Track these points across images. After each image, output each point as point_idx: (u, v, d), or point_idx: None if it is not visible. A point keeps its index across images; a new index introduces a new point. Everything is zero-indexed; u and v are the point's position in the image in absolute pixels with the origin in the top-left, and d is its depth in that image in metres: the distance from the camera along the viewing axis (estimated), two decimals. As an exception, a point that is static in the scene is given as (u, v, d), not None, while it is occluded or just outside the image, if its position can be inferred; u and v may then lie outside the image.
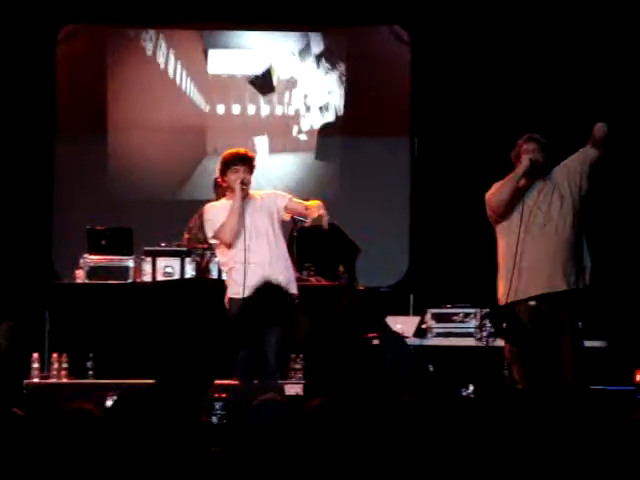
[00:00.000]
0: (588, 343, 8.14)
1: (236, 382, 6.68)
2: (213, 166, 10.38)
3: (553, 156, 6.64)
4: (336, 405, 3.30)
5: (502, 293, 6.44)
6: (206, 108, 10.58)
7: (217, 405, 4.68)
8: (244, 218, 6.70)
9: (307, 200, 6.99)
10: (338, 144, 10.61)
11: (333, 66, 10.59)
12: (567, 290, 6.38)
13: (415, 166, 10.45)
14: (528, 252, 6.37)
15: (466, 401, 3.95)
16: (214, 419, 5.41)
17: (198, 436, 3.23)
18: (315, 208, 6.81)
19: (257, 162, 6.90)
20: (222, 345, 6.58)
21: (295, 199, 6.93)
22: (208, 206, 6.97)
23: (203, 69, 10.58)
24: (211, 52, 10.58)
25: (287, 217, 6.95)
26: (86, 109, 10.39)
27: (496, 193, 6.53)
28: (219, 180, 6.95)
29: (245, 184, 6.73)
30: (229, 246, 6.74)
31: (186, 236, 8.57)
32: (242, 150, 6.87)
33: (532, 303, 6.32)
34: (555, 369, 6.22)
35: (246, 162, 6.78)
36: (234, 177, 6.73)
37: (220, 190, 7.36)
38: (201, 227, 8.74)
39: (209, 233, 6.86)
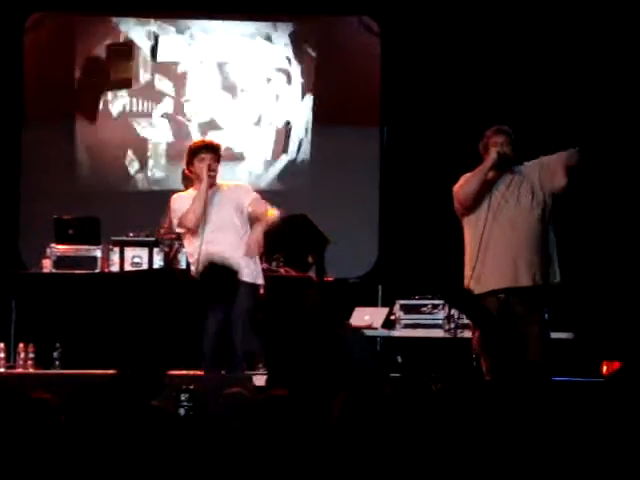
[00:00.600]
0: (555, 335, 8.17)
1: (202, 373, 6.67)
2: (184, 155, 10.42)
3: (522, 148, 6.63)
4: (297, 396, 3.30)
5: (467, 285, 6.44)
6: (177, 95, 10.52)
7: (183, 397, 4.65)
8: (209, 207, 6.68)
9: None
10: (307, 132, 10.58)
11: (302, 55, 10.56)
12: (532, 286, 6.38)
13: (384, 156, 10.44)
14: (494, 245, 6.37)
15: (435, 392, 3.95)
16: (181, 410, 5.39)
17: (162, 427, 3.22)
18: (253, 242, 6.76)
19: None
20: (182, 335, 6.55)
21: (259, 200, 6.88)
22: (175, 196, 6.95)
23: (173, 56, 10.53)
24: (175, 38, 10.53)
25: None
26: (54, 97, 10.31)
27: (464, 185, 6.53)
28: (186, 171, 6.93)
29: (212, 170, 6.71)
30: (194, 234, 6.71)
31: (162, 230, 8.55)
32: (208, 140, 6.89)
33: (501, 296, 6.33)
34: (518, 357, 6.23)
35: (213, 151, 6.78)
36: (201, 165, 6.72)
37: (188, 182, 7.34)
38: None
39: (175, 222, 6.85)
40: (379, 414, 3.32)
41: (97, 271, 8.35)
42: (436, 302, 8.38)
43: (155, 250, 8.35)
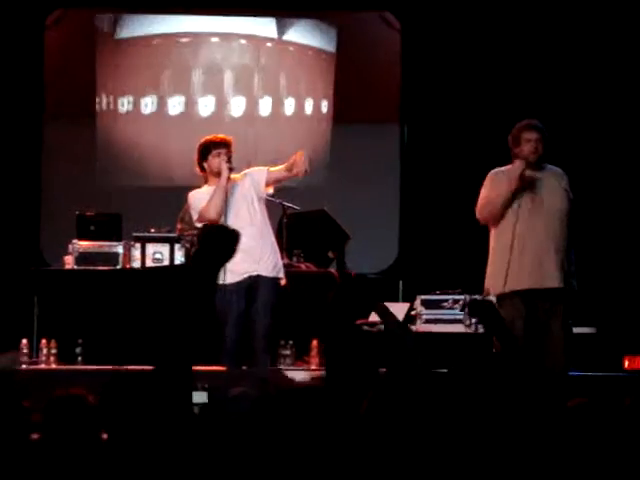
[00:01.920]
0: (577, 330, 8.16)
1: (221, 368, 6.67)
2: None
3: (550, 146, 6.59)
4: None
5: (493, 284, 6.44)
6: (197, 93, 10.55)
7: (198, 396, 4.64)
8: (228, 199, 6.66)
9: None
10: (328, 130, 10.59)
11: (322, 51, 10.56)
12: (558, 287, 6.37)
13: (405, 153, 10.44)
14: (522, 244, 6.35)
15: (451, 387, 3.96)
16: (195, 409, 5.39)
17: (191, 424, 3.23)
18: (295, 162, 6.63)
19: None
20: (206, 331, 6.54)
21: (272, 168, 6.82)
22: (192, 193, 6.93)
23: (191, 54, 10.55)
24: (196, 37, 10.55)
25: (270, 190, 6.88)
26: (75, 94, 10.34)
27: (486, 205, 6.46)
28: (197, 168, 6.86)
29: (230, 162, 6.68)
30: None
31: (179, 226, 8.57)
32: (220, 135, 6.82)
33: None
34: (533, 360, 6.21)
35: (225, 145, 6.73)
36: (217, 161, 6.69)
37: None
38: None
39: (194, 217, 6.83)
40: (404, 410, 3.32)
41: (119, 267, 8.37)
42: (457, 297, 8.37)
43: (176, 246, 8.37)
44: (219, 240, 3.42)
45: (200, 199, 6.77)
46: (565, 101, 9.94)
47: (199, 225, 6.88)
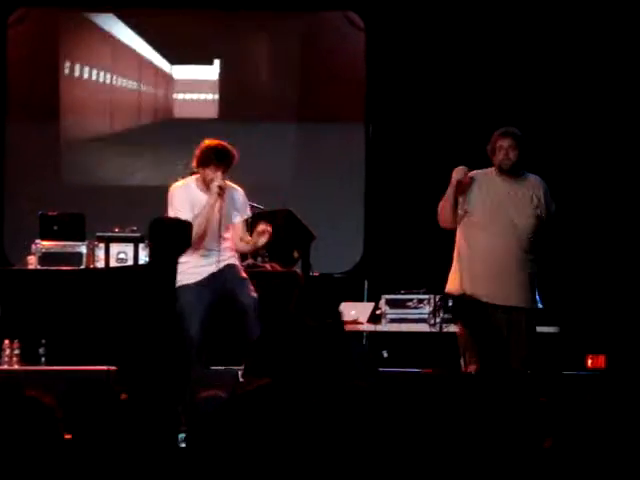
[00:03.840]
0: (541, 329, 8.21)
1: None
2: (167, 152, 10.42)
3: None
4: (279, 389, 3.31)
5: (449, 286, 6.45)
6: (162, 94, 10.52)
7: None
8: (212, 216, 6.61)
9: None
10: (292, 129, 10.59)
11: (287, 51, 10.56)
12: (522, 307, 6.36)
13: (370, 152, 10.45)
14: (482, 251, 6.32)
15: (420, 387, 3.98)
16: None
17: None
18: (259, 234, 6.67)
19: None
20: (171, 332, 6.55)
21: (242, 226, 6.78)
22: (174, 186, 6.79)
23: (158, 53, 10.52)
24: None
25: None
26: (38, 93, 10.29)
27: (440, 210, 6.44)
28: (194, 164, 6.71)
29: (223, 188, 6.56)
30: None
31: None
32: (227, 147, 6.63)
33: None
34: (505, 357, 6.24)
35: (226, 161, 6.58)
36: (211, 176, 6.56)
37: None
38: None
39: (170, 213, 6.69)
40: (364, 411, 3.33)
41: (82, 267, 8.33)
42: (422, 297, 8.40)
43: (141, 246, 8.34)
44: (172, 233, 3.41)
45: (178, 196, 6.65)
46: (533, 100, 9.99)
47: None
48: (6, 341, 7.73)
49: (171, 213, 6.70)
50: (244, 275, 6.76)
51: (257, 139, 10.07)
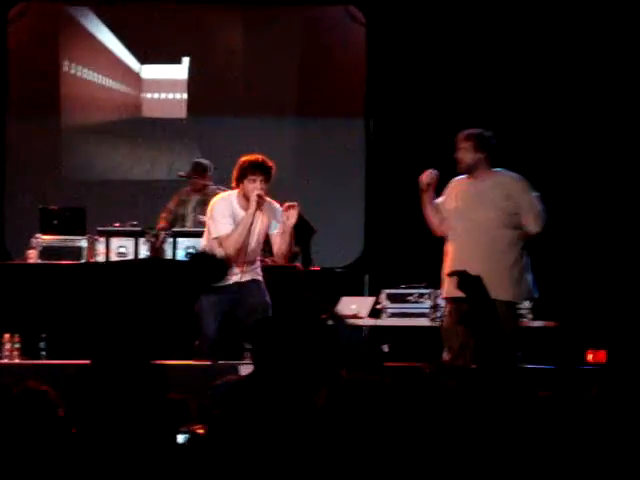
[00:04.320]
0: (540, 323, 8.22)
1: (197, 362, 6.71)
2: (168, 146, 10.43)
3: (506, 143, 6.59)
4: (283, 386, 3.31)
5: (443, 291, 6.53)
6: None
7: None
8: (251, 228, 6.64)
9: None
10: (293, 124, 10.58)
11: (288, 46, 10.55)
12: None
13: (370, 147, 10.45)
14: (453, 251, 6.39)
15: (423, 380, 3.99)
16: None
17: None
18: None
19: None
20: (175, 325, 6.57)
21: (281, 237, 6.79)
22: (215, 200, 6.81)
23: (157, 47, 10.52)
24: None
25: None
26: (39, 87, 10.29)
27: (430, 227, 6.61)
28: (233, 184, 6.74)
29: (262, 199, 6.59)
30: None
31: (163, 215, 8.62)
32: (260, 158, 6.65)
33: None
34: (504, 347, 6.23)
35: (265, 172, 6.60)
36: (251, 187, 6.57)
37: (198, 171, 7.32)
38: (179, 203, 8.78)
39: (212, 232, 6.73)
40: (366, 404, 3.33)
41: (82, 261, 8.33)
42: (422, 291, 8.40)
43: (141, 240, 8.34)
44: (210, 269, 3.46)
45: (218, 208, 6.68)
46: (531, 95, 9.99)
47: (220, 251, 6.68)
48: (6, 335, 7.74)
49: (212, 225, 6.72)
50: (267, 299, 6.80)
51: (259, 134, 10.08)
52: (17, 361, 7.61)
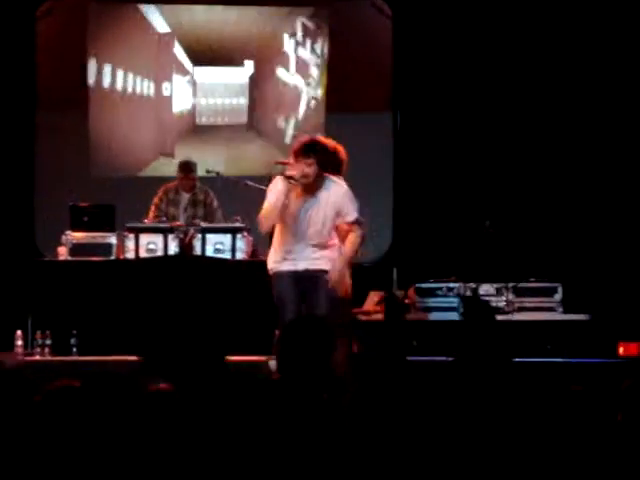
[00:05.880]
0: (571, 317, 8.18)
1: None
2: (196, 142, 10.45)
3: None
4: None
5: None
6: (191, 82, 10.53)
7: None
8: (306, 204, 6.43)
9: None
10: (319, 119, 10.57)
11: (315, 41, 10.54)
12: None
13: (398, 141, 10.43)
14: None
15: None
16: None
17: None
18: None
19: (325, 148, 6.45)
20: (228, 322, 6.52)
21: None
22: (274, 180, 6.55)
23: (187, 42, 10.53)
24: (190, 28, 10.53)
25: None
26: (67, 84, 10.32)
27: None
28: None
29: (294, 179, 6.34)
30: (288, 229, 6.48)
31: (151, 214, 8.64)
32: (308, 139, 6.47)
33: None
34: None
35: (312, 152, 6.36)
36: (299, 167, 6.35)
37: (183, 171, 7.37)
38: (168, 203, 8.79)
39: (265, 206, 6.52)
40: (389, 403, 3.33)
41: (112, 258, 8.36)
42: (451, 285, 8.38)
43: (170, 236, 8.37)
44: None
45: (272, 191, 6.45)
46: (554, 90, 9.96)
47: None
48: (38, 332, 7.79)
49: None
50: (331, 294, 6.52)
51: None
52: (49, 357, 7.67)
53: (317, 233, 6.45)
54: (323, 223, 6.44)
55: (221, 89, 10.61)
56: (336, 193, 6.48)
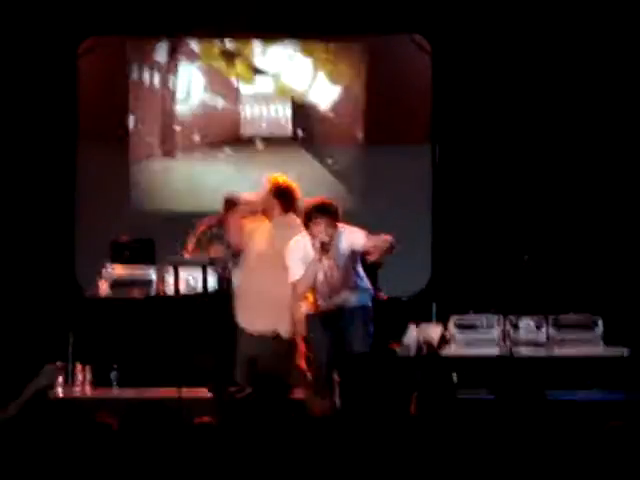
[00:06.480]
0: (612, 351, 8.12)
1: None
2: (234, 177, 10.51)
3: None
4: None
5: None
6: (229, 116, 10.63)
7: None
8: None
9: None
10: (359, 152, 10.61)
11: (354, 76, 10.61)
12: None
13: (436, 174, 10.44)
14: None
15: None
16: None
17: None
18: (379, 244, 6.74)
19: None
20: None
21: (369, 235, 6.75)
22: (290, 242, 6.79)
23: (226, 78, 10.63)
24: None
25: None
26: (108, 120, 10.44)
27: None
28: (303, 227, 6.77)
29: (326, 244, 6.55)
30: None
31: (190, 247, 8.66)
32: (324, 201, 6.67)
33: None
34: None
35: (327, 213, 6.58)
36: (316, 230, 6.57)
37: (227, 206, 7.52)
38: (212, 237, 8.83)
39: (289, 276, 6.75)
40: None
41: (152, 294, 8.40)
42: (491, 317, 8.34)
43: (209, 270, 8.39)
44: None
45: (291, 253, 6.71)
46: (595, 127, 9.96)
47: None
48: (79, 366, 7.84)
49: (289, 268, 6.73)
50: (367, 329, 6.76)
51: (326, 162, 10.13)
52: (89, 391, 7.71)
53: (345, 270, 6.78)
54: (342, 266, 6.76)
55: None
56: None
